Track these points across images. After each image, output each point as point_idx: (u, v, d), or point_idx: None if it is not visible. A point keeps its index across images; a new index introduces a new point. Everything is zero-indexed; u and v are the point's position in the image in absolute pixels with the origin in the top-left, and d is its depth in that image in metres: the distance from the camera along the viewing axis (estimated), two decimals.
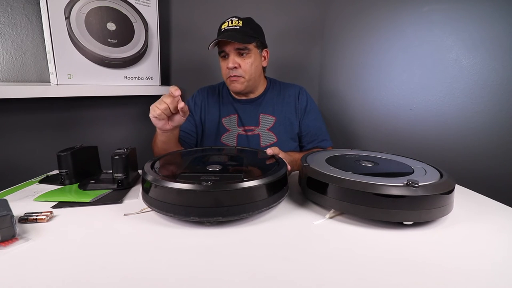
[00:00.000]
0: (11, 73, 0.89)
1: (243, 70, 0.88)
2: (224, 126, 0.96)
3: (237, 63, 0.87)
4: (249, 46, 0.87)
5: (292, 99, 0.97)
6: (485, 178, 0.77)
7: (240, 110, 0.96)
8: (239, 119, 0.96)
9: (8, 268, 0.35)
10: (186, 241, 0.43)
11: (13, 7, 0.88)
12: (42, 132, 0.96)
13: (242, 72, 0.88)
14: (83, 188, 0.61)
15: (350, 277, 0.34)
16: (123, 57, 1.04)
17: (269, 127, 0.95)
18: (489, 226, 0.48)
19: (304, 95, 0.98)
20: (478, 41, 0.77)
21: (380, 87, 1.04)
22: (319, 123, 0.98)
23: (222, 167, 0.55)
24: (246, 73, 0.89)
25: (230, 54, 0.87)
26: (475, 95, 0.79)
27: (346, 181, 0.48)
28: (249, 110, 0.96)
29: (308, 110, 0.97)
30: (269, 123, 0.95)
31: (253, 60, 0.89)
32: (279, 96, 0.98)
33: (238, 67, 0.88)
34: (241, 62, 0.88)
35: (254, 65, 0.90)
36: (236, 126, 0.96)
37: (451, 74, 0.83)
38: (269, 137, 0.95)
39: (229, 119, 0.96)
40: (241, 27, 0.86)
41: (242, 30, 0.86)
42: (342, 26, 1.21)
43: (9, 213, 0.41)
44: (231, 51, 0.87)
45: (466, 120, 0.81)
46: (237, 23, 0.87)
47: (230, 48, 0.87)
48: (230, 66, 0.87)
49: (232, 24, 0.87)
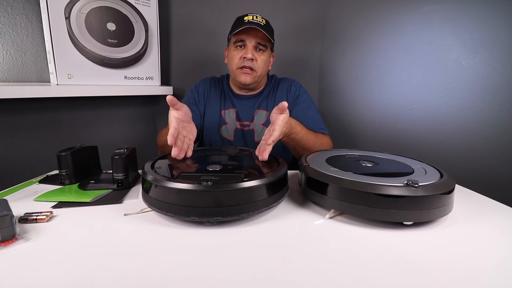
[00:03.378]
0: (11, 73, 0.89)
1: (258, 64, 0.90)
2: (223, 118, 0.98)
3: (254, 56, 0.89)
4: (268, 44, 0.90)
5: (284, 92, 0.98)
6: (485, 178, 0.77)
7: (239, 105, 0.98)
8: (237, 113, 0.97)
9: (8, 268, 0.35)
10: (186, 241, 0.43)
11: (13, 7, 0.88)
12: (42, 132, 0.96)
13: (256, 66, 0.90)
14: (83, 188, 0.61)
15: (350, 277, 0.34)
16: (123, 57, 1.04)
17: (263, 122, 0.96)
18: (489, 226, 0.48)
19: (296, 87, 0.99)
20: (478, 41, 0.77)
21: (380, 87, 1.04)
22: (312, 113, 0.95)
23: (222, 167, 0.55)
24: (260, 68, 0.91)
25: (249, 45, 0.89)
26: (475, 95, 0.79)
27: (346, 181, 0.48)
28: (247, 106, 0.98)
29: (299, 100, 0.97)
30: (263, 118, 0.96)
31: (266, 58, 0.92)
32: (273, 91, 1.00)
33: (255, 61, 0.89)
34: (258, 57, 0.90)
35: (266, 63, 0.93)
36: (234, 120, 0.97)
37: (451, 74, 0.83)
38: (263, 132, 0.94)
39: (228, 112, 0.98)
40: (265, 25, 0.89)
41: (265, 28, 0.89)
42: (342, 26, 1.21)
43: (9, 213, 0.41)
44: (251, 42, 0.89)
45: (466, 120, 0.81)
46: (261, 20, 0.89)
47: (252, 40, 0.88)
48: (249, 56, 0.88)
49: (256, 19, 0.89)
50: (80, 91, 0.95)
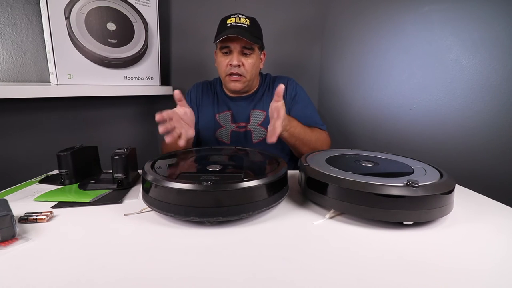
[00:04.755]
0: (11, 73, 0.89)
1: (245, 69, 0.88)
2: (218, 122, 0.97)
3: (240, 62, 0.87)
4: (255, 46, 0.88)
5: None
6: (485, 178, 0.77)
7: (234, 107, 0.97)
8: (232, 116, 0.96)
9: (8, 268, 0.35)
10: (186, 241, 0.43)
11: (13, 7, 0.88)
12: (42, 132, 0.96)
13: (244, 71, 0.88)
14: (83, 188, 0.61)
15: (350, 277, 0.34)
16: (123, 57, 1.04)
17: (260, 123, 0.95)
18: (489, 226, 0.48)
19: (292, 86, 0.98)
20: (478, 41, 0.77)
21: (380, 87, 1.04)
22: (309, 111, 0.95)
23: (222, 167, 0.55)
24: (248, 72, 0.89)
25: (234, 51, 0.87)
26: (475, 95, 0.79)
27: (346, 181, 0.48)
28: (242, 107, 0.97)
29: (297, 100, 0.96)
30: (260, 118, 0.95)
31: (254, 60, 0.90)
32: (269, 90, 0.98)
33: (241, 66, 0.88)
34: (244, 61, 0.88)
35: (255, 65, 0.91)
36: (230, 122, 0.96)
37: (451, 74, 0.83)
38: (261, 132, 0.95)
39: (223, 115, 0.97)
40: (249, 26, 0.86)
41: (249, 30, 0.86)
42: (342, 26, 1.21)
43: (9, 213, 0.41)
44: (236, 48, 0.86)
45: (466, 120, 0.81)
46: (244, 21, 0.86)
47: (236, 46, 0.86)
48: (234, 63, 0.86)
49: (240, 21, 0.86)
50: (80, 91, 0.95)
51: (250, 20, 0.88)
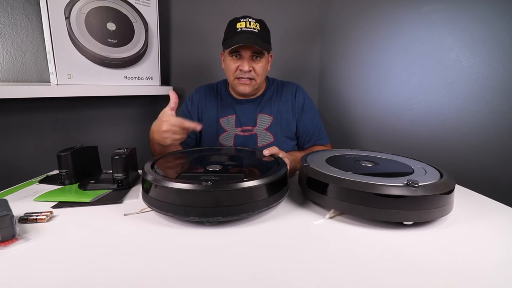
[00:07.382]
0: (11, 73, 0.89)
1: (256, 73, 0.88)
2: (222, 127, 0.96)
3: (251, 67, 0.87)
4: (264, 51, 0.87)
5: (289, 97, 0.97)
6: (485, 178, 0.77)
7: (239, 111, 0.96)
8: (237, 119, 0.96)
9: (8, 268, 0.35)
10: (186, 241, 0.43)
11: (13, 7, 0.88)
12: (42, 132, 0.96)
13: (254, 75, 0.88)
14: (83, 188, 0.61)
15: (350, 277, 0.34)
16: (123, 57, 1.04)
17: (266, 127, 0.95)
18: (489, 226, 0.48)
19: (301, 94, 0.98)
20: (478, 41, 0.77)
21: (380, 87, 1.04)
22: (317, 122, 0.97)
23: (222, 167, 0.55)
24: (258, 76, 0.89)
25: (245, 56, 0.86)
26: (475, 95, 0.79)
27: (346, 181, 0.48)
28: (247, 110, 0.96)
29: (305, 109, 0.96)
30: (267, 122, 0.95)
31: (264, 63, 0.90)
32: (277, 95, 0.98)
33: (252, 70, 0.88)
34: (255, 65, 0.88)
35: (264, 68, 0.91)
36: (234, 127, 0.95)
37: (451, 74, 0.83)
38: (266, 136, 0.94)
39: (227, 120, 0.96)
40: (259, 31, 0.86)
41: (260, 34, 0.85)
42: (342, 26, 1.21)
43: (9, 213, 0.41)
44: (247, 53, 0.86)
45: (466, 120, 0.81)
46: (255, 26, 0.86)
47: (247, 51, 0.85)
48: (246, 69, 0.85)
49: (250, 26, 0.85)
50: (80, 91, 0.95)
51: (260, 24, 0.87)
